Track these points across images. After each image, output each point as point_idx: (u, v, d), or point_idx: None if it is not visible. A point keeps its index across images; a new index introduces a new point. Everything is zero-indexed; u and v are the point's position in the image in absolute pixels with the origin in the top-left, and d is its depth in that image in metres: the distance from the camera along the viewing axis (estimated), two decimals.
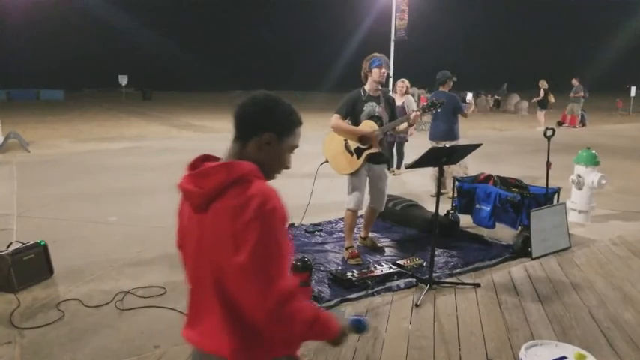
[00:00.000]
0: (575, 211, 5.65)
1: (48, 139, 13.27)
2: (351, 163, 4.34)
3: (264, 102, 1.43)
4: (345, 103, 4.37)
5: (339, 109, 4.37)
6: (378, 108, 4.32)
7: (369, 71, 4.32)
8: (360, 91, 4.38)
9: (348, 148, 4.34)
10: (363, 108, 4.31)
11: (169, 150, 11.54)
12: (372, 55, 4.37)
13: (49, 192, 7.12)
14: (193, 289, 1.45)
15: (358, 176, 4.37)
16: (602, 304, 3.66)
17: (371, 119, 4.29)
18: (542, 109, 17.58)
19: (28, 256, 3.84)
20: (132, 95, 36.14)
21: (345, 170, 4.38)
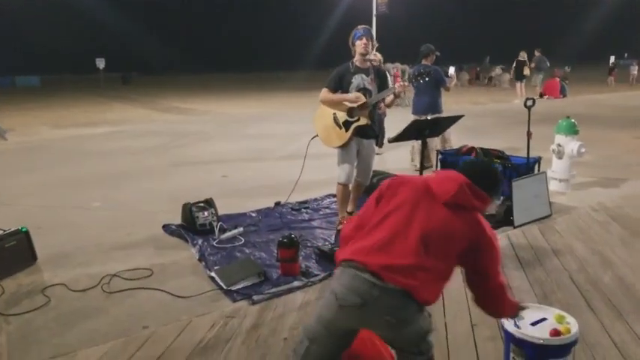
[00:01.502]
0: (555, 180, 5.74)
1: (27, 126, 13.02)
2: (340, 136, 4.35)
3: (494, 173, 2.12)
4: (333, 76, 4.38)
5: (327, 83, 4.39)
6: (366, 79, 4.31)
7: (352, 44, 4.33)
8: (349, 64, 4.39)
9: (337, 121, 4.35)
10: (352, 80, 4.31)
11: (151, 133, 11.41)
12: (355, 28, 4.37)
13: (31, 179, 7.02)
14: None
15: (348, 150, 4.39)
16: (583, 268, 3.75)
17: (359, 91, 4.29)
18: (518, 80, 17.64)
19: (9, 243, 3.79)
20: (111, 79, 35.41)
21: (335, 143, 4.40)
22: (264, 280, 3.55)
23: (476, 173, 2.02)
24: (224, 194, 5.70)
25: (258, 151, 8.65)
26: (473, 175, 2.01)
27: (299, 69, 47.61)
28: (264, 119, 13.56)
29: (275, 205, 5.38)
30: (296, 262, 3.70)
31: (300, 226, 4.81)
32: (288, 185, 5.27)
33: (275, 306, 3.23)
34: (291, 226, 4.78)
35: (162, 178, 6.95)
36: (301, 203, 5.45)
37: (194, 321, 3.04)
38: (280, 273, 3.66)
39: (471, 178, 1.99)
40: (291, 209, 5.28)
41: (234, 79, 37.74)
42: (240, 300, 3.29)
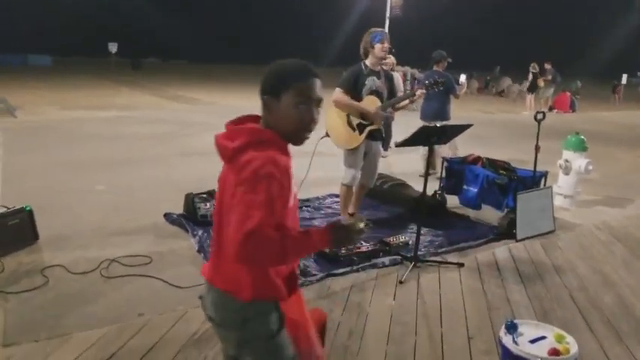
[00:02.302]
0: (561, 196, 5.71)
1: (36, 105, 13.05)
2: (353, 138, 4.34)
3: (268, 66, 1.57)
4: (347, 77, 4.36)
5: (341, 83, 4.36)
6: (378, 82, 4.32)
7: (370, 47, 4.30)
8: (362, 65, 4.37)
9: (351, 124, 4.33)
10: (365, 82, 4.30)
11: (158, 121, 11.42)
12: (372, 30, 4.34)
13: (36, 159, 7.03)
14: (216, 230, 1.59)
15: (357, 152, 4.39)
16: (584, 287, 3.73)
17: (372, 94, 4.28)
18: (530, 92, 17.59)
19: (13, 221, 3.81)
20: (121, 64, 35.48)
21: (346, 145, 4.39)
22: None
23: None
24: None
25: None
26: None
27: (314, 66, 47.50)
28: None
29: None
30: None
31: (301, 224, 4.76)
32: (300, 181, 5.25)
33: None
34: None
35: (166, 166, 6.94)
36: (303, 201, 5.44)
37: (190, 312, 3.03)
38: None
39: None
40: None
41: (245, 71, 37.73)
42: None
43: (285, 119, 1.51)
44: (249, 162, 1.41)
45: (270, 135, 1.51)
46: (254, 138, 1.49)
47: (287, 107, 1.50)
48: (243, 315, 1.52)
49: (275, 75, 1.54)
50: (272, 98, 1.51)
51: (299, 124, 1.52)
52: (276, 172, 1.40)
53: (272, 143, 1.49)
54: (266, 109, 1.54)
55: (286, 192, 1.45)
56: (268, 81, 1.54)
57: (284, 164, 1.45)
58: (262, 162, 1.40)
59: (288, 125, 1.52)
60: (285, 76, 1.52)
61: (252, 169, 1.39)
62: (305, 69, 1.54)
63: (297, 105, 1.50)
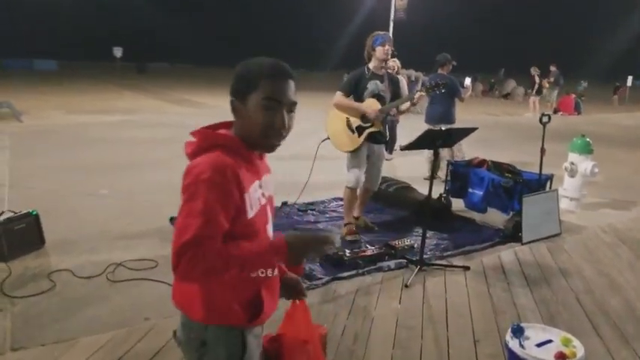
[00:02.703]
0: (566, 198, 5.69)
1: (41, 109, 13.12)
2: (353, 140, 4.34)
3: (235, 68, 1.42)
4: (348, 80, 4.38)
5: (342, 87, 4.38)
6: (381, 86, 4.31)
7: (372, 50, 4.30)
8: (364, 69, 4.37)
9: (350, 126, 4.33)
10: (367, 86, 4.29)
11: (161, 125, 11.45)
12: (374, 33, 4.35)
13: (42, 163, 7.06)
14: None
15: (358, 155, 4.38)
16: (590, 290, 3.71)
17: (373, 97, 4.28)
18: (538, 94, 17.57)
19: (19, 225, 3.83)
20: (126, 68, 35.61)
21: (347, 147, 4.38)
22: None
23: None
24: None
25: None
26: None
27: (316, 70, 47.73)
28: None
29: (282, 204, 5.38)
30: (300, 264, 3.67)
31: (306, 227, 4.80)
32: (294, 185, 5.25)
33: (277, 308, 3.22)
34: (296, 227, 4.78)
35: (170, 170, 6.90)
36: (308, 204, 5.45)
37: None
38: None
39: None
40: (297, 210, 5.28)
41: None
42: None
43: (253, 123, 1.36)
44: (192, 168, 1.31)
45: (226, 139, 1.38)
46: (206, 143, 1.37)
47: (254, 109, 1.35)
48: (201, 337, 1.40)
49: (243, 74, 1.38)
50: (239, 100, 1.37)
51: (268, 129, 1.36)
52: (218, 178, 1.27)
53: (226, 148, 1.35)
54: (234, 113, 1.40)
55: (234, 199, 1.30)
56: (235, 81, 1.39)
57: (231, 169, 1.30)
58: (203, 167, 1.29)
59: (256, 129, 1.36)
60: (253, 74, 1.35)
61: (193, 175, 1.29)
62: (276, 67, 1.37)
63: (265, 107, 1.34)
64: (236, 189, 1.30)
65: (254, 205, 1.38)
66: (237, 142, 1.38)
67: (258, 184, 1.42)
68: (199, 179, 1.27)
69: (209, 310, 1.38)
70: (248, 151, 1.40)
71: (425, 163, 7.01)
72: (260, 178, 1.45)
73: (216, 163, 1.29)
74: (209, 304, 1.38)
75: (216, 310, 1.38)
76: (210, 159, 1.31)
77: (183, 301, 1.43)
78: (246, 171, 1.36)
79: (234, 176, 1.30)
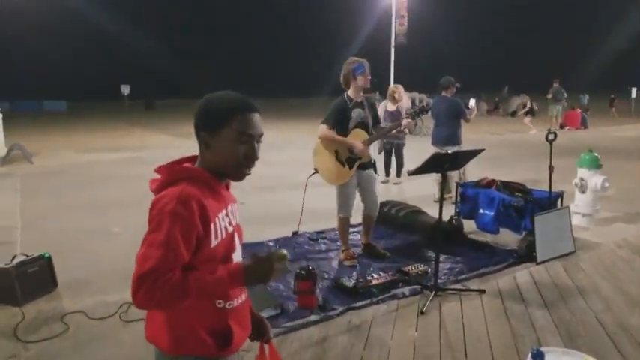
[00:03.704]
0: (579, 215, 5.63)
1: (51, 150, 13.32)
2: (343, 173, 4.33)
3: (201, 101, 1.46)
4: (332, 112, 4.31)
5: (326, 119, 4.31)
6: (363, 113, 4.33)
7: (353, 78, 4.27)
8: (345, 98, 4.34)
9: (340, 159, 4.32)
10: (351, 115, 4.29)
11: (171, 159, 11.53)
12: (353, 60, 4.30)
13: (53, 203, 7.13)
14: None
15: (348, 185, 4.37)
16: (609, 308, 3.64)
17: (358, 126, 4.29)
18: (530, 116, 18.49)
19: (32, 268, 3.85)
20: (135, 105, 36.17)
21: (338, 181, 4.37)
22: (280, 312, 3.51)
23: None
24: (242, 222, 5.69)
25: (273, 179, 8.65)
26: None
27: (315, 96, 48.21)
28: (277, 146, 13.60)
29: (292, 234, 5.37)
30: (313, 295, 3.66)
31: (318, 256, 4.78)
32: (307, 213, 5.25)
33: (291, 341, 3.19)
34: (308, 256, 4.75)
35: None
36: (319, 233, 5.43)
37: None
38: (297, 305, 3.62)
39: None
40: (308, 239, 5.26)
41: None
42: None
43: (225, 156, 1.42)
44: (157, 201, 1.36)
45: (191, 172, 1.43)
46: (171, 177, 1.42)
47: (228, 143, 1.40)
48: None
49: (213, 109, 1.42)
50: (210, 134, 1.41)
51: (241, 160, 1.42)
52: (182, 210, 1.30)
53: (192, 180, 1.40)
54: (203, 147, 1.44)
55: (197, 231, 1.33)
56: (205, 116, 1.43)
57: (196, 200, 1.33)
58: (168, 199, 1.33)
59: (228, 162, 1.42)
60: (225, 109, 1.41)
61: (158, 207, 1.33)
62: (246, 102, 1.44)
63: (238, 140, 1.40)
64: (200, 220, 1.34)
65: (220, 234, 1.40)
66: (202, 174, 1.43)
67: (224, 212, 1.46)
68: (163, 211, 1.31)
69: (177, 340, 1.40)
70: (215, 182, 1.44)
71: (434, 185, 6.99)
72: (226, 207, 1.48)
73: (181, 195, 1.33)
74: (176, 334, 1.40)
75: (183, 339, 1.40)
76: (175, 191, 1.35)
77: (152, 334, 1.45)
78: (212, 200, 1.40)
79: (200, 207, 1.34)
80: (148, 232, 1.33)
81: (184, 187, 1.36)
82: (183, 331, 1.40)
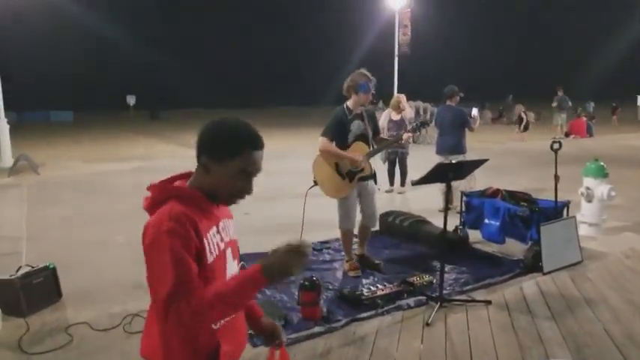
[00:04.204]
0: (585, 224, 5.58)
1: (58, 160, 13.39)
2: (343, 186, 4.32)
3: (209, 125, 1.45)
4: (331, 125, 4.30)
5: (325, 132, 4.29)
6: (362, 125, 4.33)
7: (355, 92, 4.28)
8: (344, 109, 4.33)
9: (340, 172, 4.31)
10: (350, 128, 4.29)
11: (177, 169, 11.47)
12: (362, 75, 4.30)
13: (59, 214, 7.15)
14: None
15: (349, 198, 4.37)
16: (617, 319, 3.60)
17: (358, 138, 4.29)
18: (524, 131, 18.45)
19: (37, 279, 3.85)
20: (140, 115, 36.43)
21: (337, 194, 4.36)
22: (284, 324, 3.49)
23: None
24: (245, 232, 5.66)
25: (279, 188, 8.65)
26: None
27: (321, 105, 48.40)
28: (284, 155, 13.60)
29: None
30: (317, 306, 3.64)
31: (322, 267, 4.76)
32: (308, 224, 5.23)
33: (295, 353, 3.16)
34: (312, 267, 4.73)
35: None
36: (322, 243, 5.41)
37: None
38: (301, 317, 3.60)
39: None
40: (312, 249, 5.23)
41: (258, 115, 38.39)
42: (260, 345, 3.23)
43: (222, 184, 1.42)
44: (149, 227, 1.35)
45: (181, 191, 1.43)
46: (161, 195, 1.42)
47: (228, 175, 1.41)
48: None
49: (224, 139, 1.41)
50: (213, 162, 1.41)
51: (238, 192, 1.44)
52: (176, 226, 1.32)
53: (180, 198, 1.40)
54: (203, 170, 1.43)
55: (195, 243, 1.34)
56: (213, 143, 1.42)
57: (186, 216, 1.34)
58: (160, 220, 1.33)
59: (223, 190, 1.43)
60: (237, 143, 1.41)
61: (152, 232, 1.33)
62: (257, 139, 1.44)
63: (239, 174, 1.41)
64: (195, 234, 1.35)
65: (213, 250, 1.42)
66: (192, 193, 1.43)
67: (215, 229, 1.46)
68: (160, 232, 1.31)
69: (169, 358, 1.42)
70: (205, 202, 1.44)
71: (439, 194, 6.97)
72: (217, 224, 1.48)
73: (172, 212, 1.35)
74: (169, 352, 1.42)
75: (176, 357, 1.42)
76: (165, 210, 1.36)
77: (147, 351, 1.50)
78: (202, 218, 1.40)
79: (191, 222, 1.35)
80: (151, 257, 1.34)
81: (173, 206, 1.37)
82: (174, 350, 1.41)
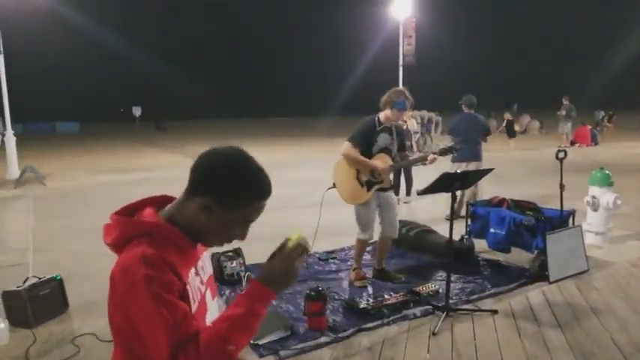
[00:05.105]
0: (591, 233, 5.56)
1: (64, 171, 13.47)
2: (359, 194, 4.33)
3: (220, 161, 1.26)
4: (359, 132, 4.34)
5: (352, 137, 4.33)
6: (389, 139, 4.37)
7: (390, 107, 4.31)
8: (375, 120, 4.38)
9: (360, 179, 4.33)
10: (377, 139, 4.32)
11: (182, 180, 11.55)
12: (400, 92, 4.36)
13: (65, 225, 7.19)
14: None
15: (368, 206, 4.37)
16: (624, 328, 3.57)
17: (382, 151, 4.31)
18: (510, 137, 18.42)
19: (44, 291, 3.87)
20: (146, 126, 36.64)
21: (353, 200, 4.37)
22: (290, 334, 3.49)
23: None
24: (250, 242, 5.70)
25: (284, 199, 8.66)
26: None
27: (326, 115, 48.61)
28: (289, 166, 13.63)
29: None
30: (323, 316, 3.64)
31: (328, 277, 4.75)
32: (311, 233, 5.24)
33: None
34: (318, 277, 4.73)
35: None
36: (328, 253, 5.41)
37: None
38: (307, 327, 3.60)
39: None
40: (318, 259, 5.24)
41: (263, 125, 38.54)
42: (266, 355, 3.23)
43: (222, 230, 1.28)
44: (116, 274, 1.17)
45: (154, 228, 1.24)
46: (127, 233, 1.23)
47: (231, 222, 1.27)
48: None
49: (236, 185, 1.24)
50: (219, 205, 1.23)
51: (231, 238, 1.31)
52: (153, 272, 1.14)
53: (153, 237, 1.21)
54: (199, 208, 1.24)
55: (176, 285, 1.17)
56: (226, 188, 1.24)
57: (163, 260, 1.17)
58: (133, 266, 1.15)
59: (218, 237, 1.30)
60: (248, 193, 1.26)
61: (124, 283, 1.15)
62: (270, 187, 1.30)
63: (241, 222, 1.29)
64: (176, 278, 1.18)
65: (195, 298, 1.26)
66: (167, 230, 1.24)
67: (194, 271, 1.31)
68: (135, 280, 1.13)
69: None
70: (184, 241, 1.27)
71: (446, 201, 6.97)
72: (196, 264, 1.33)
73: (145, 256, 1.16)
74: None
75: None
76: (137, 254, 1.17)
77: None
78: (179, 260, 1.23)
79: (170, 266, 1.18)
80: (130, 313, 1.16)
81: (144, 248, 1.18)
82: None
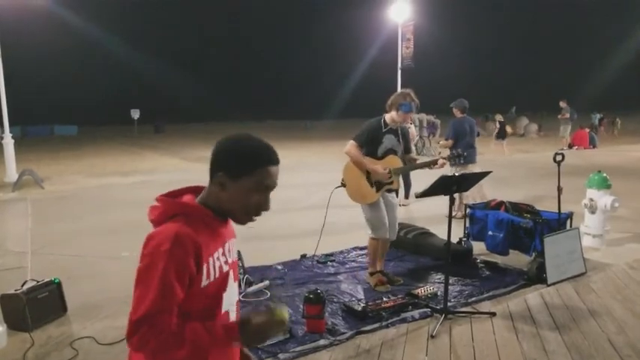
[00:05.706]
0: (589, 236, 5.58)
1: (62, 174, 13.46)
2: (369, 194, 4.35)
3: (224, 142, 1.44)
4: (364, 131, 4.35)
5: (357, 137, 4.35)
6: (394, 141, 4.38)
7: (396, 109, 4.32)
8: (381, 121, 4.39)
9: (370, 180, 4.35)
10: (382, 140, 4.33)
11: (181, 183, 11.54)
12: (407, 94, 4.35)
13: (63, 228, 7.19)
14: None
15: (378, 206, 4.38)
16: (622, 330, 3.58)
17: (388, 152, 4.33)
18: (501, 139, 18.15)
19: (42, 294, 3.86)
20: (144, 129, 36.63)
21: (362, 200, 4.39)
22: (289, 337, 3.49)
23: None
24: (250, 245, 5.70)
25: (284, 201, 8.67)
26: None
27: (325, 118, 48.67)
28: (289, 168, 13.68)
29: (301, 257, 5.37)
30: (322, 319, 3.64)
31: (326, 280, 4.76)
32: (313, 236, 5.26)
33: None
34: (317, 279, 4.74)
35: None
36: (327, 256, 5.41)
37: None
38: (306, 330, 3.60)
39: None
40: (317, 262, 5.25)
41: (262, 128, 38.56)
42: (265, 358, 3.24)
43: (238, 201, 1.40)
44: (152, 238, 1.33)
45: (190, 208, 1.40)
46: (169, 211, 1.39)
47: (244, 190, 1.39)
48: None
49: (241, 155, 1.40)
50: (229, 177, 1.38)
51: (252, 209, 1.42)
52: (176, 250, 1.29)
53: (189, 217, 1.37)
54: (218, 187, 1.40)
55: (190, 270, 1.31)
56: (230, 159, 1.40)
57: (191, 240, 1.32)
58: (163, 238, 1.31)
59: (239, 207, 1.41)
60: (252, 157, 1.40)
61: (152, 245, 1.31)
62: (273, 155, 1.43)
63: (255, 189, 1.40)
64: (194, 260, 1.32)
65: (213, 274, 1.38)
66: (201, 211, 1.40)
67: (221, 251, 1.43)
68: (158, 250, 1.29)
69: None
70: (214, 221, 1.42)
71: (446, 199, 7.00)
72: (224, 245, 1.46)
73: (177, 235, 1.31)
74: None
75: None
76: (171, 230, 1.33)
77: None
78: (209, 239, 1.38)
79: (195, 247, 1.32)
80: (142, 270, 1.32)
81: (180, 227, 1.33)
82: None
